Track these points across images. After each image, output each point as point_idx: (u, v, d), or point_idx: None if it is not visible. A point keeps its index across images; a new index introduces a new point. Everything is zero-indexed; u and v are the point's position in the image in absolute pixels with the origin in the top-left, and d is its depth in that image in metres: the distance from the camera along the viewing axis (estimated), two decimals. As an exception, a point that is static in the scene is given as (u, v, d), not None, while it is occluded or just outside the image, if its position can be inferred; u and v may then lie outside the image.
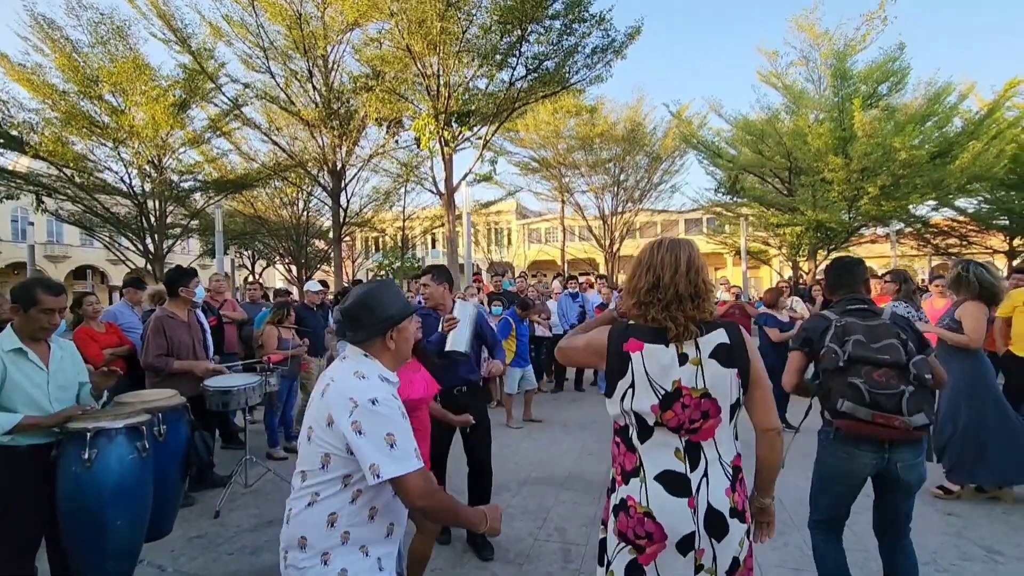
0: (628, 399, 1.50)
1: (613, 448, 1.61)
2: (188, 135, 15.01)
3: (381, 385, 1.52)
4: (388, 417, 1.44)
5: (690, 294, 1.51)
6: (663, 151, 23.12)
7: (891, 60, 14.89)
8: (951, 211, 19.82)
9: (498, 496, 3.98)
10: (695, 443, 1.49)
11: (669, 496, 1.45)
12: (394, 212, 23.44)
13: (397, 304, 1.65)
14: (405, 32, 11.09)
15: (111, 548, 2.25)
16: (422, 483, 1.43)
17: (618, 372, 1.51)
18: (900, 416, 2.04)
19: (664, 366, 1.48)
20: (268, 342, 4.83)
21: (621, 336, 1.54)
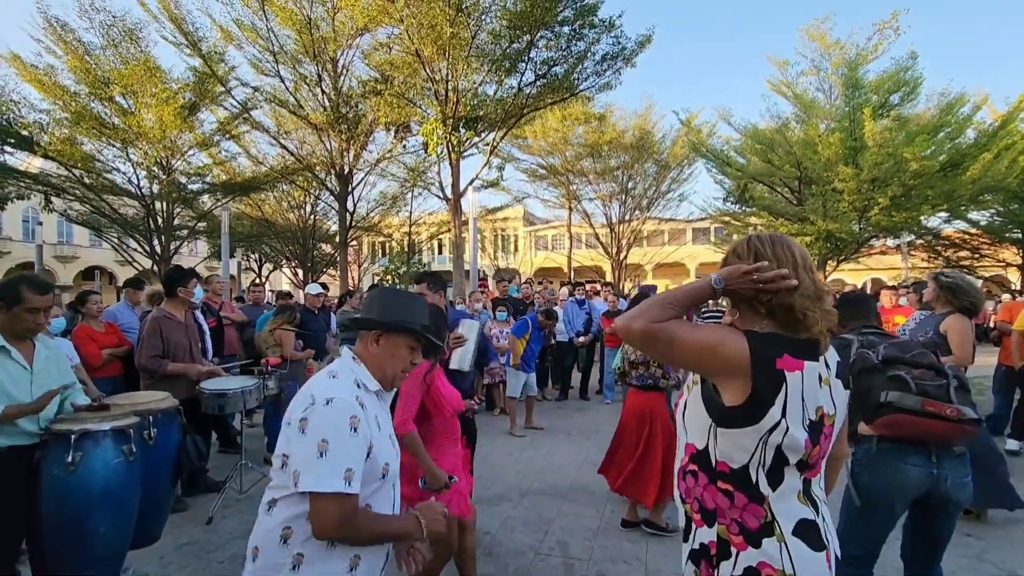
0: (779, 432, 1.16)
1: (713, 500, 1.23)
2: (197, 137, 15.09)
3: (349, 388, 1.38)
4: (332, 422, 1.29)
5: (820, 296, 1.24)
6: (672, 159, 23.04)
7: (903, 70, 14.76)
8: (963, 223, 19.59)
9: (499, 506, 3.88)
10: (808, 480, 1.23)
11: (812, 553, 1.18)
12: (401, 217, 23.47)
13: (398, 313, 1.53)
14: (415, 37, 11.09)
15: (94, 554, 2.18)
16: (335, 510, 1.25)
17: (767, 397, 1.16)
18: (950, 404, 1.85)
19: (814, 390, 1.19)
20: (286, 342, 4.77)
21: (770, 348, 1.18)
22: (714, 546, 1.22)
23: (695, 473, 1.27)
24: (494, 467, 4.83)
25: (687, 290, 1.25)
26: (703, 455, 1.25)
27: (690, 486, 1.28)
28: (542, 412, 6.85)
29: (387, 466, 1.43)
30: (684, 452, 1.31)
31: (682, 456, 1.32)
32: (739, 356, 1.16)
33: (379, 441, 1.40)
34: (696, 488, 1.26)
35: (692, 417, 1.29)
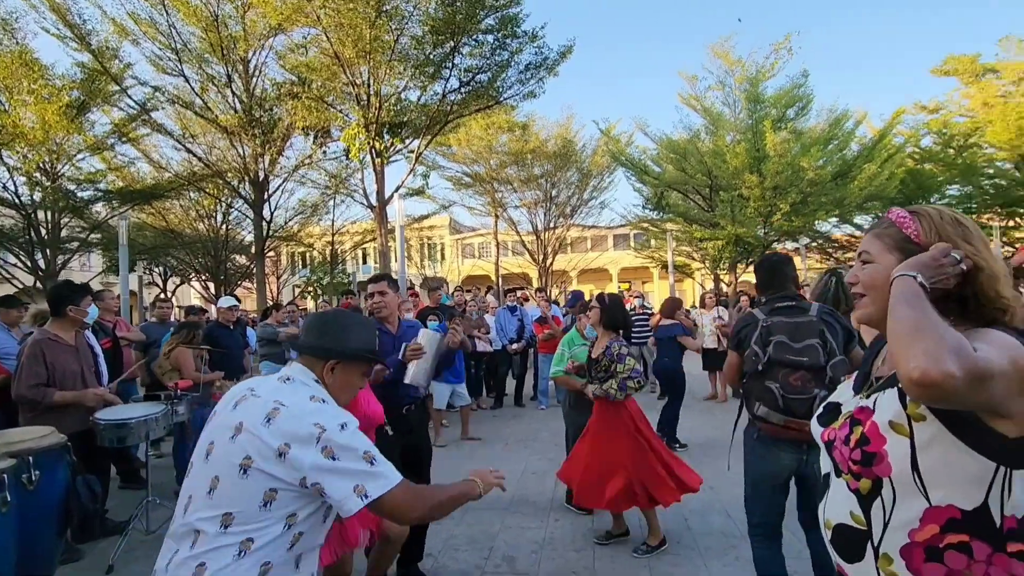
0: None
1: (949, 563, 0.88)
2: (88, 140, 13.70)
3: (343, 413, 1.35)
4: (362, 439, 1.31)
5: None
6: (593, 168, 23.80)
7: (797, 87, 16.15)
8: (851, 227, 21.70)
9: (440, 525, 3.71)
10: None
11: None
12: (323, 226, 22.53)
13: (354, 341, 1.48)
14: (333, 39, 10.70)
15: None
16: (410, 494, 1.32)
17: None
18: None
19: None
20: (184, 364, 4.31)
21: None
22: None
23: (964, 546, 0.87)
24: (433, 483, 4.65)
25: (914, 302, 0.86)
26: (976, 517, 0.88)
27: (958, 568, 0.88)
28: (478, 422, 6.73)
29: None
30: (915, 524, 0.91)
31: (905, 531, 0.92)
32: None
33: None
34: (975, 567, 0.87)
35: (938, 470, 0.89)
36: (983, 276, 0.93)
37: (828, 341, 2.21)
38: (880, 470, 0.93)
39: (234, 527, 1.21)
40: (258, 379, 1.47)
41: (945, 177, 18.84)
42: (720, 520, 3.63)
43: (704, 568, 3.01)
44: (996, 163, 18.40)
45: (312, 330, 1.51)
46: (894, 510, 0.92)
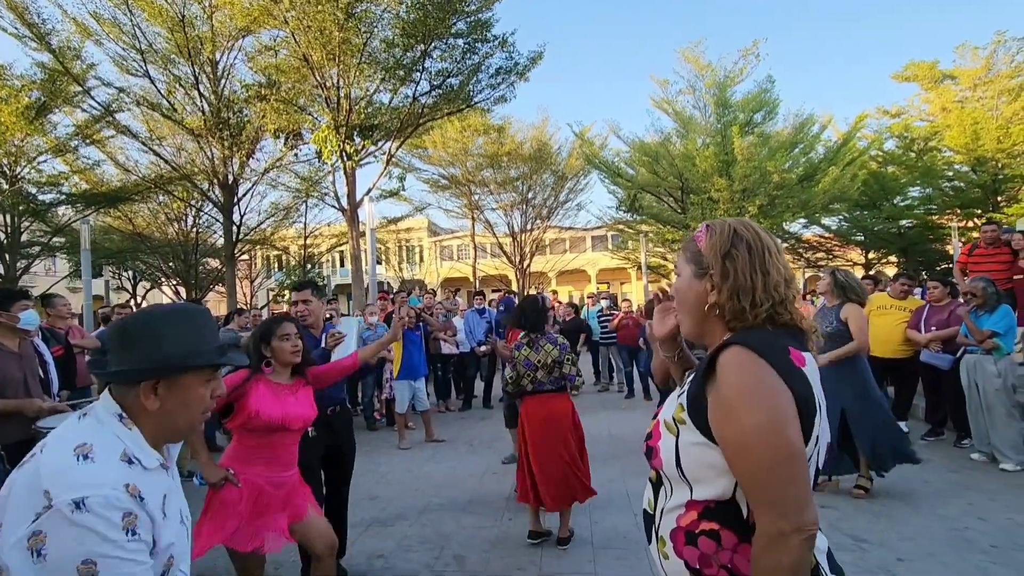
0: (813, 445, 0.95)
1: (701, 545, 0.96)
2: (49, 142, 13.39)
3: (116, 472, 0.95)
4: (100, 535, 0.87)
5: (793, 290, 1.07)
6: (568, 170, 23.99)
7: (764, 92, 16.52)
8: (819, 228, 22.26)
9: (395, 527, 3.76)
10: None
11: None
12: (296, 229, 22.30)
13: (175, 345, 1.05)
14: (302, 41, 10.63)
15: None
16: None
17: (811, 405, 0.94)
18: None
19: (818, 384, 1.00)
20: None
21: (776, 344, 0.97)
22: None
23: (714, 533, 0.95)
24: (392, 485, 4.69)
25: None
26: (725, 508, 0.95)
27: (709, 552, 0.95)
28: (446, 424, 6.77)
29: (172, 558, 1.03)
30: (681, 511, 1.00)
31: (674, 516, 1.01)
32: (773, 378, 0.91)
33: (165, 530, 1.01)
34: (721, 553, 0.94)
35: (695, 466, 0.97)
36: (726, 287, 1.02)
37: None
38: (656, 463, 1.03)
39: None
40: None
41: (907, 179, 19.46)
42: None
43: (648, 563, 3.10)
44: (954, 166, 19.08)
45: (115, 345, 1.07)
46: (669, 498, 1.02)
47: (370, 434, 6.71)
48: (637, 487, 4.20)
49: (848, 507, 3.74)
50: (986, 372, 4.34)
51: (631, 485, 4.24)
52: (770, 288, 1.01)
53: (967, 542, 3.10)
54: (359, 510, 4.02)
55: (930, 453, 4.81)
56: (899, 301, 5.43)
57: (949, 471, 4.32)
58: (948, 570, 2.81)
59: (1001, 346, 4.28)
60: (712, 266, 1.04)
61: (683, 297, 1.09)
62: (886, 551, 3.05)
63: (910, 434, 5.36)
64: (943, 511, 3.55)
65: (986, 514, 3.46)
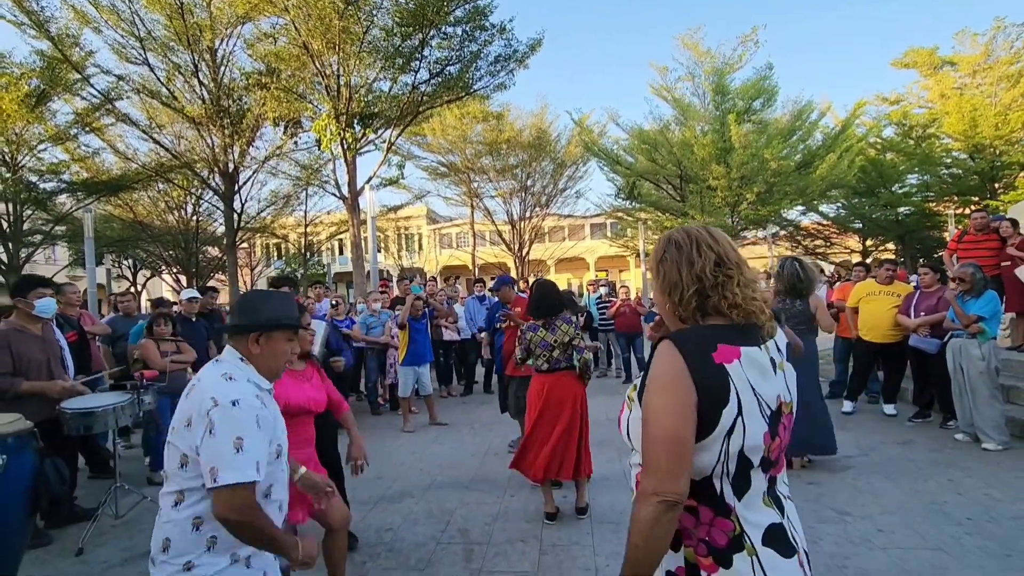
0: (738, 434, 1.04)
1: (679, 521, 1.07)
2: (49, 130, 13.41)
3: (248, 387, 1.48)
4: (243, 421, 1.39)
5: (746, 274, 1.14)
6: (567, 158, 23.99)
7: (763, 79, 16.51)
8: (817, 215, 22.34)
9: (401, 503, 3.92)
10: (774, 478, 1.14)
11: (784, 561, 1.07)
12: (296, 217, 22.36)
13: (270, 312, 1.61)
14: (302, 29, 10.64)
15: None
16: (247, 497, 1.37)
17: (718, 397, 1.03)
18: None
19: (766, 376, 1.09)
20: (150, 355, 4.41)
21: (701, 344, 1.07)
22: (682, 572, 1.09)
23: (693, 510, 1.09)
24: (397, 465, 4.85)
25: None
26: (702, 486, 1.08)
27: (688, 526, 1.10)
28: (448, 408, 6.94)
29: (279, 447, 1.56)
30: (638, 469, 1.13)
31: (634, 472, 1.17)
32: (678, 370, 1.04)
33: (277, 429, 1.55)
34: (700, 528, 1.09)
35: (637, 436, 1.11)
36: (659, 288, 1.19)
37: None
38: (621, 429, 1.21)
39: (172, 483, 1.44)
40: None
41: (906, 166, 19.51)
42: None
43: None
44: (953, 153, 19.13)
45: (235, 312, 1.66)
46: (631, 456, 1.22)
47: (375, 418, 6.88)
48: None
49: (834, 483, 3.91)
50: (971, 355, 4.48)
51: (627, 465, 4.41)
52: (694, 274, 1.12)
53: (944, 515, 3.27)
54: (366, 489, 4.19)
55: (916, 434, 4.98)
56: (887, 287, 5.56)
57: (932, 451, 4.49)
58: (924, 540, 2.98)
59: (986, 330, 4.42)
60: (655, 272, 1.22)
61: (657, 303, 1.26)
62: (867, 523, 3.22)
63: (898, 416, 5.56)
64: (923, 486, 3.72)
65: (964, 490, 3.63)
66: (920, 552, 2.84)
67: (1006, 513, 3.25)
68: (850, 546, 2.96)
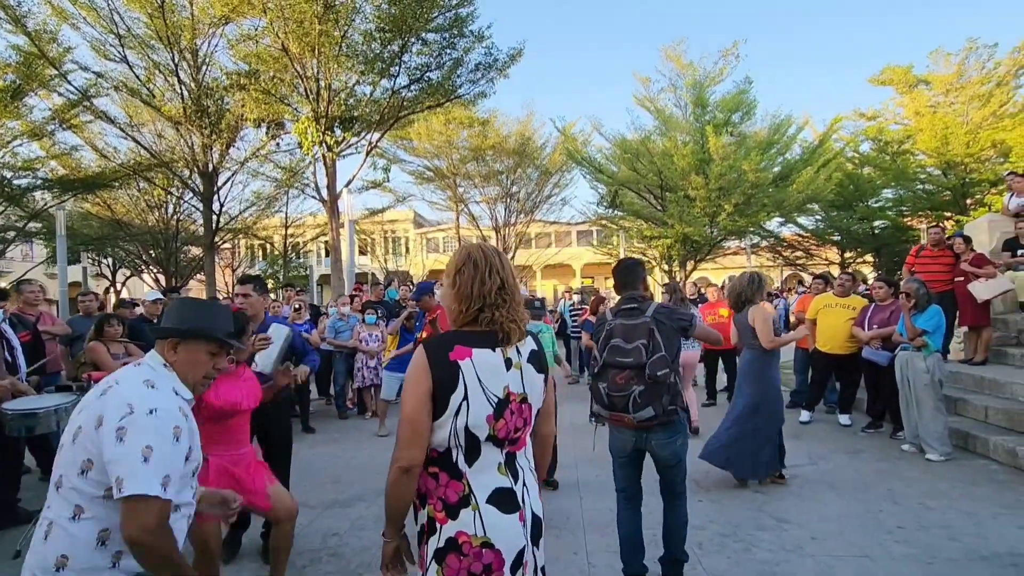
0: (463, 414, 1.35)
1: (424, 484, 1.39)
2: (24, 126, 13.22)
3: (170, 398, 1.46)
4: (157, 431, 1.35)
5: (516, 297, 1.46)
6: (552, 165, 24.13)
7: (742, 92, 16.78)
8: (797, 227, 22.67)
9: (352, 508, 3.94)
10: (512, 454, 1.44)
11: (503, 516, 1.36)
12: (279, 218, 22.24)
13: (193, 321, 1.59)
14: (280, 31, 10.64)
15: None
16: (155, 513, 1.30)
17: (448, 386, 1.35)
18: (628, 414, 2.55)
19: (495, 371, 1.40)
20: (98, 357, 4.38)
21: (442, 346, 1.39)
22: (426, 526, 1.38)
23: (434, 475, 1.40)
24: (355, 470, 4.86)
25: None
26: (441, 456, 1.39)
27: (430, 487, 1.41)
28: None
29: (197, 465, 1.55)
30: None
31: None
32: (421, 366, 1.36)
33: (195, 442, 1.51)
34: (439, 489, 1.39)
35: None
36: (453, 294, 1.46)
37: (654, 340, 2.54)
38: None
39: (67, 490, 1.35)
40: None
41: (882, 181, 19.89)
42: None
43: (586, 541, 3.32)
44: (927, 169, 19.55)
45: (163, 315, 1.70)
46: None
47: (340, 422, 6.87)
48: (587, 473, 4.44)
49: (779, 492, 4.00)
50: (916, 368, 4.61)
51: (582, 472, 4.48)
52: (483, 294, 1.41)
53: (877, 523, 3.36)
54: (321, 492, 4.21)
55: (866, 444, 5.10)
56: (843, 299, 5.70)
57: (878, 460, 4.60)
58: (852, 546, 3.06)
59: (929, 344, 4.55)
60: (450, 278, 1.47)
61: (444, 298, 1.53)
62: (803, 530, 3.30)
63: (852, 426, 5.68)
64: (863, 496, 3.82)
65: (901, 499, 3.74)
66: (847, 560, 2.93)
67: (936, 522, 3.35)
68: (782, 552, 3.04)
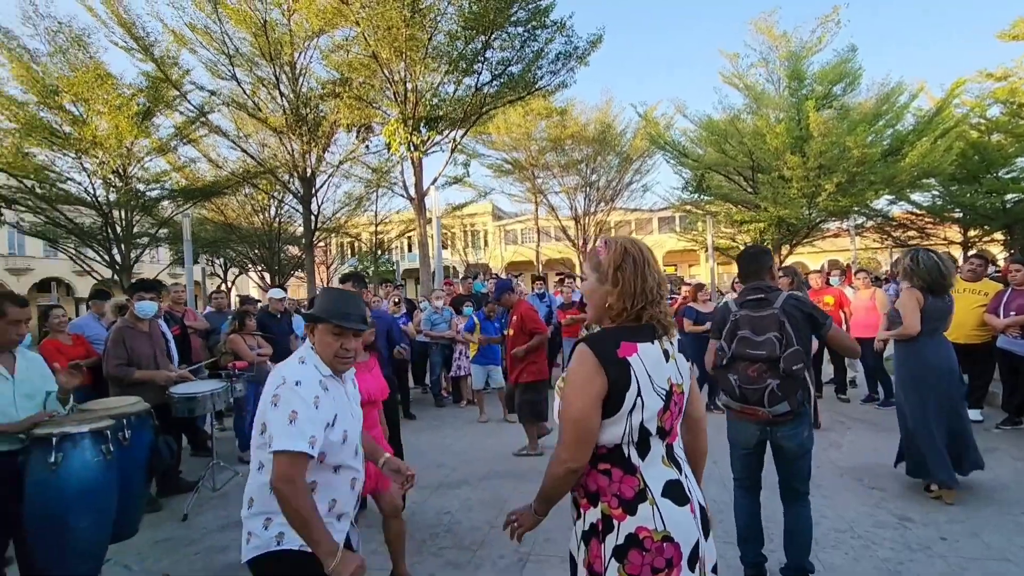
0: (638, 410, 1.36)
1: (595, 482, 1.40)
2: (154, 143, 14.87)
3: (313, 372, 1.71)
4: (302, 399, 1.61)
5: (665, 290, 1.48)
6: (633, 151, 23.56)
7: (844, 62, 15.49)
8: (909, 205, 20.63)
9: (459, 490, 4.18)
10: (671, 444, 1.45)
11: (678, 509, 1.36)
12: (368, 216, 23.44)
13: (319, 308, 1.80)
14: (371, 39, 11.20)
15: (76, 548, 2.37)
16: (290, 466, 1.53)
17: (623, 384, 1.35)
18: (762, 407, 2.48)
19: (659, 364, 1.41)
20: (238, 348, 4.94)
21: (608, 343, 1.38)
22: (600, 523, 1.37)
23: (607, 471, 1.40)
24: (457, 455, 5.13)
25: None
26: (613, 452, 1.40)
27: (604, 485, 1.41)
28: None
29: (346, 432, 1.76)
30: None
31: None
32: (591, 366, 1.35)
33: (342, 413, 1.74)
34: (612, 485, 1.40)
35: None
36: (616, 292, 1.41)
37: (782, 335, 2.46)
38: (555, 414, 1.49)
39: (255, 448, 1.71)
40: None
41: (1015, 149, 17.62)
42: (716, 489, 3.90)
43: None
44: (1072, 132, 17.07)
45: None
46: None
47: (438, 410, 7.24)
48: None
49: (898, 489, 3.76)
50: (1065, 359, 4.13)
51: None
52: (646, 291, 1.40)
53: (1017, 526, 3.09)
54: (427, 475, 4.49)
55: (1002, 441, 4.65)
56: (973, 284, 5.19)
57: (1016, 459, 4.19)
58: (989, 549, 2.85)
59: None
60: (608, 275, 1.43)
61: (589, 296, 1.50)
62: (929, 530, 3.11)
63: (984, 422, 5.18)
64: (999, 496, 3.51)
65: (1048, 502, 3.40)
66: (983, 563, 2.73)
67: (1094, 529, 3.03)
68: (907, 552, 2.89)
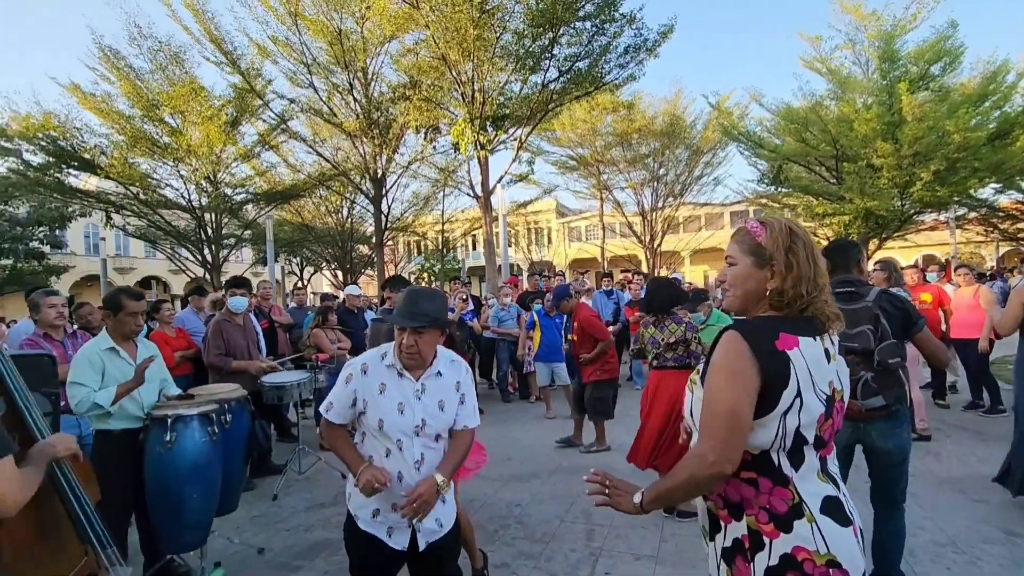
0: (794, 412, 1.15)
1: (738, 492, 1.20)
2: (240, 150, 15.95)
3: (372, 356, 1.92)
4: (341, 376, 1.91)
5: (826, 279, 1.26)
6: (703, 144, 22.70)
7: (943, 39, 14.17)
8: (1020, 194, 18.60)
9: (529, 483, 4.21)
10: (824, 458, 1.23)
11: (841, 529, 1.16)
12: (434, 216, 24.02)
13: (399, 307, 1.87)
14: (440, 41, 11.45)
15: (188, 519, 2.63)
16: (322, 423, 1.92)
17: (780, 379, 1.14)
18: (855, 400, 2.31)
19: (821, 364, 1.20)
20: (320, 342, 5.23)
21: (765, 333, 1.18)
22: (747, 539, 1.18)
23: (752, 481, 1.20)
24: (525, 449, 5.17)
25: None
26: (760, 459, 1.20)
27: (748, 496, 1.21)
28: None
29: (381, 422, 1.81)
30: None
31: None
32: (744, 357, 1.15)
33: (373, 399, 1.82)
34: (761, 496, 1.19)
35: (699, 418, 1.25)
36: (790, 276, 1.21)
37: (881, 326, 2.33)
38: (685, 412, 1.37)
39: None
40: None
41: None
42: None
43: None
44: None
45: None
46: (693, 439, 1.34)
47: (504, 405, 7.32)
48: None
49: (1005, 501, 3.42)
50: None
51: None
52: (817, 278, 1.22)
53: None
54: (498, 468, 4.55)
55: None
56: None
57: None
58: None
59: None
60: (775, 258, 1.23)
61: (741, 282, 1.29)
62: (1050, 551, 2.81)
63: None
64: None
65: None
66: (1121, 590, 2.43)
67: None
68: (1016, 569, 2.63)
